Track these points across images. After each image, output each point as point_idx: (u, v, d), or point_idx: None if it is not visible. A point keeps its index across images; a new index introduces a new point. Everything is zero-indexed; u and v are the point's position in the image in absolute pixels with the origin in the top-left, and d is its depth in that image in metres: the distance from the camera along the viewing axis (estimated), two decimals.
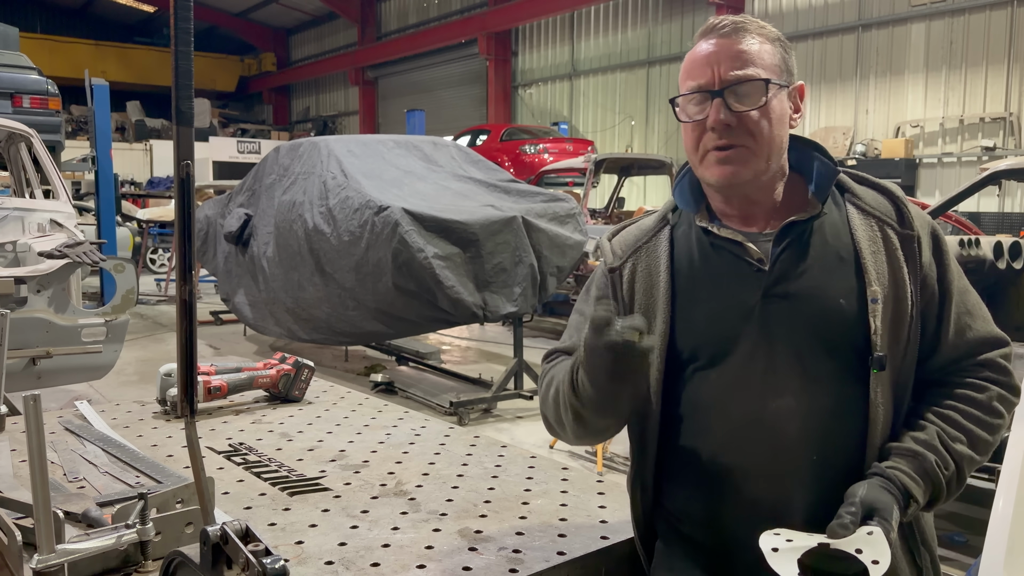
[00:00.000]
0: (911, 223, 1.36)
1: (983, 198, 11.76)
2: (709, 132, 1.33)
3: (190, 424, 1.28)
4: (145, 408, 2.47)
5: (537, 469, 1.93)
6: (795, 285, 1.34)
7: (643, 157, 10.03)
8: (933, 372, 1.38)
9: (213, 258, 7.20)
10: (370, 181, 5.68)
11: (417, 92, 23.77)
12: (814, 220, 1.37)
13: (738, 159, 1.33)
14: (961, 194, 4.12)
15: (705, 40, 1.36)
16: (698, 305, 1.39)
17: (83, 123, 20.52)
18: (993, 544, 1.10)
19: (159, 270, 13.16)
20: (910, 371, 1.35)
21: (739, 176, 1.34)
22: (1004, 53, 12.29)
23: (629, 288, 1.46)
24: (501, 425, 5.33)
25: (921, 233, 1.36)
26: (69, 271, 4.31)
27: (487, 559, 1.46)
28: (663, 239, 1.46)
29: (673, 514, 1.45)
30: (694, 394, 1.39)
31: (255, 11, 29.34)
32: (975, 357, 1.37)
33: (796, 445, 1.31)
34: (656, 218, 1.52)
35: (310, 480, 1.85)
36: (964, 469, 1.31)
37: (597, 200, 11.80)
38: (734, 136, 1.32)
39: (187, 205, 1.23)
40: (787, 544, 1.15)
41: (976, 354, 1.37)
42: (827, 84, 14.52)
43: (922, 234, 1.36)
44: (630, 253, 1.48)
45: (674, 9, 16.91)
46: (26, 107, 8.48)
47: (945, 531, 3.35)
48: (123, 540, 1.39)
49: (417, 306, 5.15)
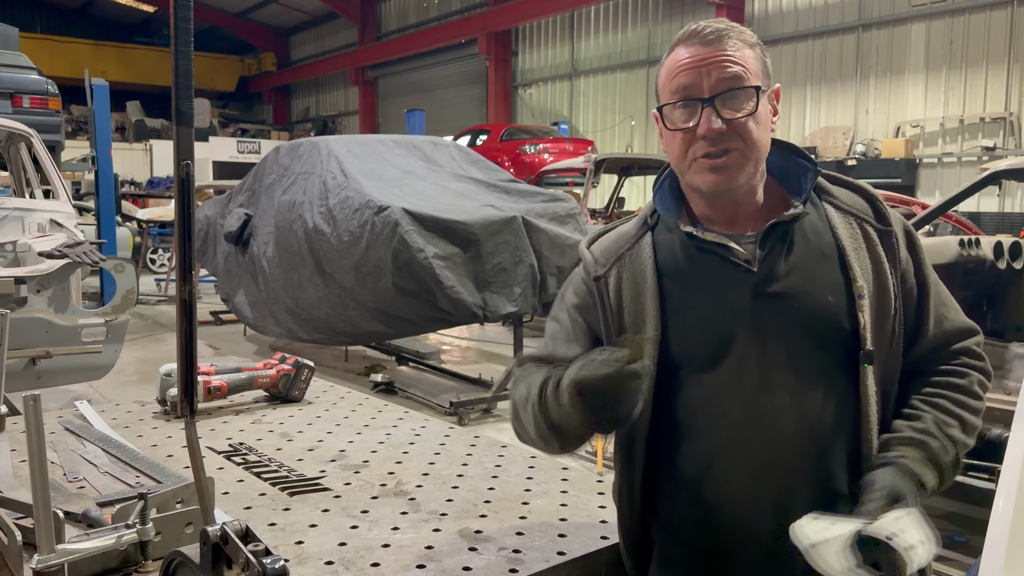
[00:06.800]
0: (888, 220, 1.40)
1: (983, 198, 11.77)
2: (700, 140, 1.33)
3: (190, 424, 1.28)
4: (145, 408, 2.47)
5: (537, 469, 1.93)
6: (783, 284, 1.35)
7: (643, 157, 10.02)
8: (915, 362, 1.41)
9: (213, 258, 7.20)
10: (370, 181, 5.68)
11: (417, 92, 23.77)
12: (796, 220, 1.38)
13: (731, 166, 1.33)
14: (961, 194, 4.11)
15: (686, 46, 1.35)
16: (689, 309, 1.39)
17: (83, 123, 20.52)
18: (993, 544, 1.10)
19: (159, 270, 13.16)
20: (896, 363, 1.38)
21: (732, 183, 1.34)
22: (1004, 53, 12.30)
23: (616, 296, 1.44)
24: (501, 425, 5.32)
25: (896, 229, 1.40)
26: (69, 271, 4.31)
27: (487, 559, 1.46)
28: (646, 245, 1.45)
29: (670, 520, 1.45)
30: (688, 397, 1.39)
31: (255, 11, 29.34)
32: (952, 346, 1.43)
33: (793, 442, 1.32)
34: (636, 223, 1.51)
35: (310, 480, 1.85)
36: (959, 453, 1.35)
37: (597, 200, 11.80)
38: (726, 143, 1.32)
39: (187, 205, 1.23)
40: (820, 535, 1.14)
41: (953, 343, 1.43)
42: (827, 84, 14.52)
43: (897, 230, 1.40)
44: (613, 260, 1.46)
45: (674, 9, 16.91)
46: (26, 107, 8.48)
47: (945, 531, 3.35)
48: (123, 540, 1.38)
49: (417, 306, 5.15)
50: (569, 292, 1.53)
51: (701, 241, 1.40)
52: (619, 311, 1.44)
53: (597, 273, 1.47)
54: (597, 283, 1.46)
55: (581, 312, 1.49)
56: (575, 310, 1.50)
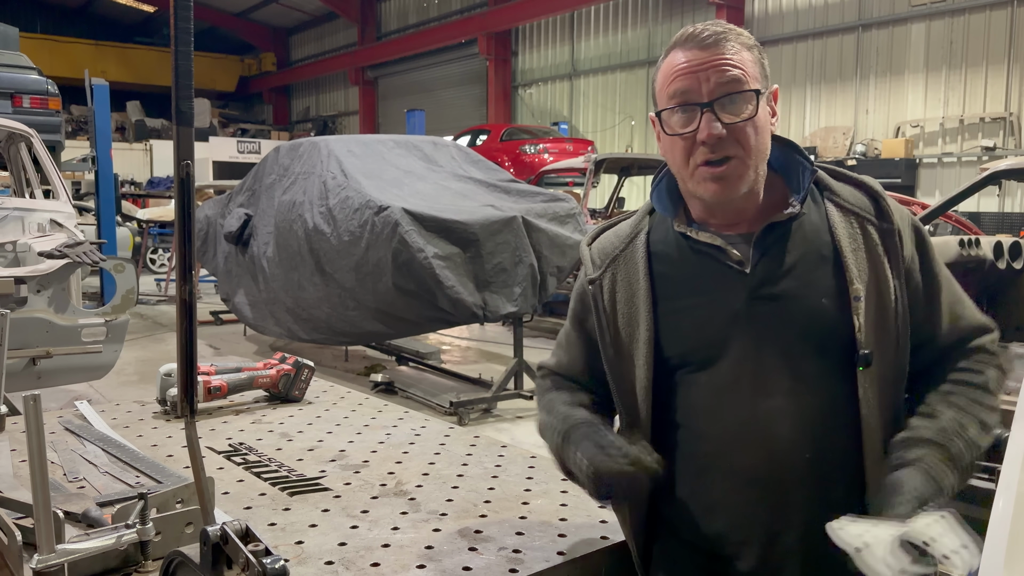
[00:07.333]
0: (890, 217, 1.37)
1: (983, 198, 11.76)
2: (700, 146, 1.32)
3: (190, 424, 1.28)
4: (145, 408, 2.47)
5: (537, 469, 1.93)
6: (778, 287, 1.34)
7: (643, 157, 10.01)
8: (929, 360, 1.39)
9: (213, 258, 7.20)
10: (370, 181, 5.68)
11: (417, 92, 23.77)
12: (794, 220, 1.37)
13: (732, 175, 1.32)
14: (961, 194, 4.11)
15: (683, 50, 1.34)
16: (682, 311, 1.39)
17: (83, 123, 20.51)
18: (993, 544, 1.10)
19: (159, 270, 13.15)
20: (901, 365, 1.35)
21: (735, 192, 1.33)
22: (1004, 53, 12.29)
23: (611, 299, 1.45)
24: (501, 425, 5.33)
25: (901, 226, 1.37)
26: (69, 271, 4.31)
27: (487, 559, 1.46)
28: (640, 246, 1.45)
29: (670, 520, 1.45)
30: (684, 399, 1.40)
31: (255, 11, 29.33)
32: (968, 343, 1.40)
33: (789, 445, 1.32)
34: (632, 223, 1.51)
35: (310, 480, 1.85)
36: (976, 455, 1.33)
37: (597, 200, 11.79)
38: (726, 148, 1.31)
39: (187, 205, 1.23)
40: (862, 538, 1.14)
41: (969, 340, 1.41)
42: (827, 84, 14.52)
43: (902, 227, 1.37)
44: (608, 263, 1.47)
45: (674, 9, 16.91)
46: (26, 107, 8.48)
47: None
48: (123, 540, 1.38)
49: (417, 306, 5.15)
50: (573, 295, 1.56)
51: (695, 242, 1.39)
52: (613, 314, 1.45)
53: (592, 276, 1.48)
54: (592, 286, 1.47)
55: (580, 320, 1.54)
56: (575, 319, 1.55)
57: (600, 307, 1.46)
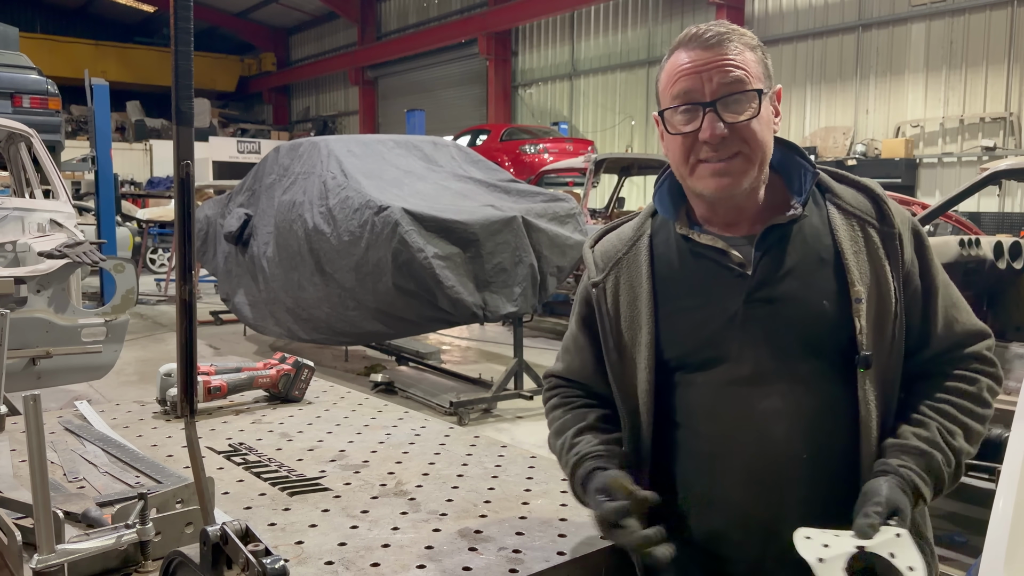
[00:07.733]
0: (892, 220, 1.37)
1: (983, 198, 11.77)
2: (702, 145, 1.32)
3: (190, 424, 1.28)
4: (145, 408, 2.47)
5: (537, 469, 1.93)
6: (778, 289, 1.34)
7: (643, 157, 10.01)
8: (923, 365, 1.39)
9: (213, 258, 7.20)
10: (370, 181, 5.68)
11: (417, 92, 23.77)
12: (795, 223, 1.37)
13: (735, 171, 1.32)
14: (961, 194, 4.11)
15: (687, 50, 1.34)
16: (682, 313, 1.39)
17: (83, 123, 20.52)
18: (993, 544, 1.10)
19: (159, 270, 13.15)
20: (897, 367, 1.36)
21: (736, 187, 1.34)
22: (1004, 53, 12.30)
23: (613, 302, 1.46)
24: (501, 425, 5.33)
25: (902, 230, 1.37)
26: (69, 271, 4.31)
27: (487, 559, 1.46)
28: (642, 248, 1.46)
29: (669, 520, 1.45)
30: (683, 400, 1.40)
31: (255, 11, 29.33)
32: (963, 349, 1.40)
33: (786, 446, 1.32)
34: (634, 226, 1.51)
35: (310, 480, 1.85)
36: (962, 463, 1.33)
37: (597, 200, 11.80)
38: (728, 147, 1.31)
39: (187, 205, 1.23)
40: (825, 549, 1.16)
41: (964, 346, 1.40)
42: (827, 84, 14.52)
43: (903, 230, 1.37)
44: (611, 266, 1.48)
45: (674, 9, 16.91)
46: (26, 107, 8.48)
47: (945, 531, 3.35)
48: (123, 540, 1.38)
49: (417, 306, 5.15)
50: (577, 298, 1.56)
51: (696, 244, 1.40)
52: (616, 316, 1.45)
53: (595, 279, 1.49)
54: (595, 289, 1.48)
55: (584, 324, 1.54)
56: (580, 322, 1.55)
57: (603, 310, 1.46)
